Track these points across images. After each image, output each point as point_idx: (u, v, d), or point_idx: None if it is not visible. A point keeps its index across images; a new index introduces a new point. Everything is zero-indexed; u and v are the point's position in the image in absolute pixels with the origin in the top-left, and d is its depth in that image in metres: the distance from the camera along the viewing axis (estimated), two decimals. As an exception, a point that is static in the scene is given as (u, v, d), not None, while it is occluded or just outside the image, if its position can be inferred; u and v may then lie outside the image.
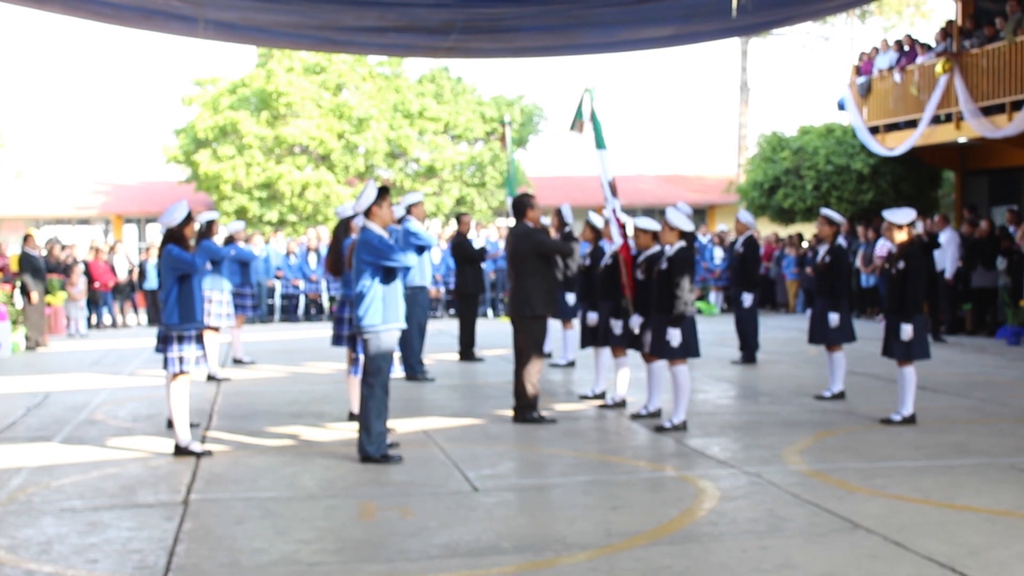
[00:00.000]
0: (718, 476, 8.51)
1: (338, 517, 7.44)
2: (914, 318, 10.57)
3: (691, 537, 6.80)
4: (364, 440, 9.17)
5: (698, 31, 16.59)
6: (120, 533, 7.06)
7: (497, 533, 6.93)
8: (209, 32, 14.12)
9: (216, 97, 33.77)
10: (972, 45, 22.01)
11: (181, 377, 9.62)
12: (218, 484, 8.52)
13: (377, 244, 9.04)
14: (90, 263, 25.15)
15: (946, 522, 7.03)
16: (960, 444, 9.78)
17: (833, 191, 26.88)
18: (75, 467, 9.19)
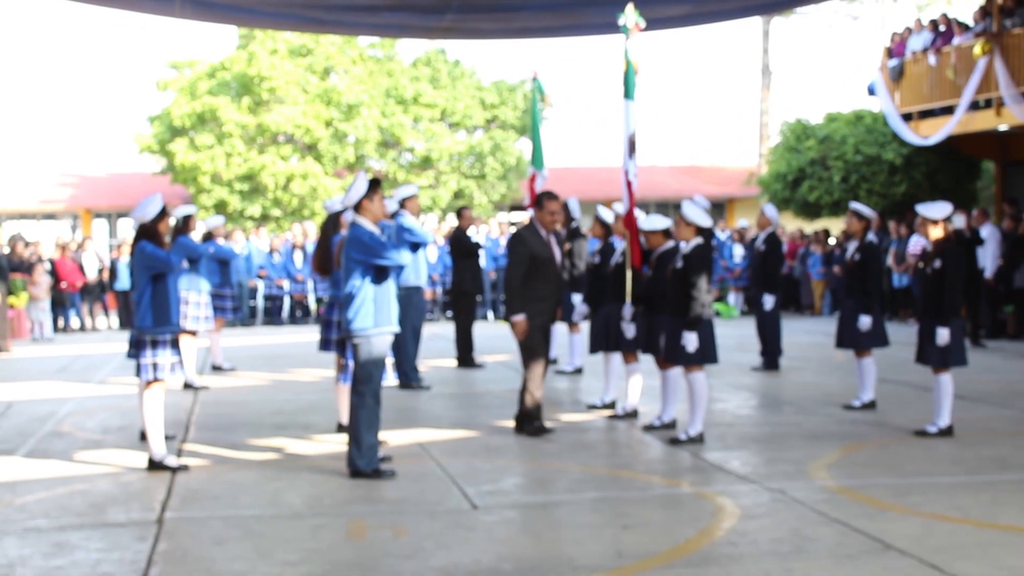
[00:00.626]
0: (738, 493, 8.50)
1: (326, 537, 7.43)
2: (951, 322, 10.56)
3: (709, 559, 6.79)
4: (354, 453, 9.16)
5: (715, 10, 16.63)
6: (89, 555, 7.05)
7: (498, 555, 6.93)
8: (186, 11, 14.15)
9: (193, 81, 33.78)
10: (1014, 24, 22.00)
11: (155, 385, 9.62)
12: (195, 501, 8.51)
13: (368, 241, 9.04)
14: (56, 261, 25.14)
15: (986, 543, 7.02)
16: (1001, 458, 9.77)
17: (863, 183, 26.89)
18: (40, 483, 9.18)
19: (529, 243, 10.83)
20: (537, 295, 10.82)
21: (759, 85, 42.95)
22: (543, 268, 10.86)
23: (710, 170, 44.93)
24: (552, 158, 44.51)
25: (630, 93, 12.06)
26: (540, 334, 10.94)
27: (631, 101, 12.06)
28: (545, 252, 10.89)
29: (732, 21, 32.24)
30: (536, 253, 10.80)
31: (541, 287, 10.85)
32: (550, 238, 11.02)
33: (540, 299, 10.85)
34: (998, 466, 9.46)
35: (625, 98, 12.07)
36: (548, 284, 10.93)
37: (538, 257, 10.81)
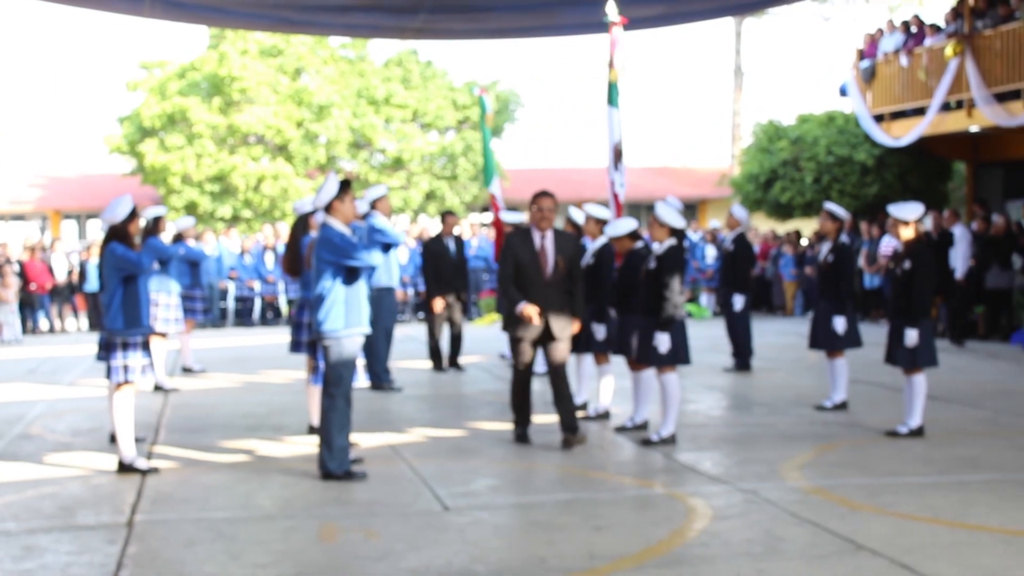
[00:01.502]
0: (710, 493, 8.52)
1: (297, 539, 7.42)
2: (920, 323, 10.61)
3: (681, 560, 6.81)
4: (325, 455, 9.15)
5: (688, 11, 16.67)
6: (58, 558, 7.03)
7: (470, 556, 6.93)
8: (156, 11, 14.11)
9: (164, 82, 33.66)
10: (985, 26, 22.11)
11: (125, 387, 9.58)
12: (166, 504, 8.49)
13: (338, 242, 9.03)
14: (25, 263, 25.00)
15: (957, 543, 7.06)
16: (972, 458, 9.82)
17: (835, 184, 26.97)
18: (8, 486, 9.14)
19: (514, 246, 10.30)
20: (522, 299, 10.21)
21: (731, 86, 43.09)
22: (527, 273, 10.21)
23: (682, 171, 45.04)
24: (526, 160, 44.63)
25: (614, 100, 11.99)
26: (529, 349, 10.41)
27: (615, 109, 11.99)
28: (529, 256, 10.25)
29: (704, 22, 32.36)
30: (520, 257, 10.25)
31: (524, 292, 10.20)
32: (544, 241, 10.31)
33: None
34: (969, 466, 9.50)
35: (609, 105, 12.00)
36: (532, 290, 10.19)
37: (521, 261, 10.24)
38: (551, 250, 10.27)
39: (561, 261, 10.26)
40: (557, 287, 10.26)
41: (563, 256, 10.29)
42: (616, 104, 11.98)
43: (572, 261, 10.41)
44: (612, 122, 11.92)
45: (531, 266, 10.20)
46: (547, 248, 10.27)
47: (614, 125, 11.92)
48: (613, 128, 11.91)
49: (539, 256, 10.25)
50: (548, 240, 10.30)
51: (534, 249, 10.26)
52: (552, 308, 10.23)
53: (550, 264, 10.24)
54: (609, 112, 11.96)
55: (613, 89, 11.96)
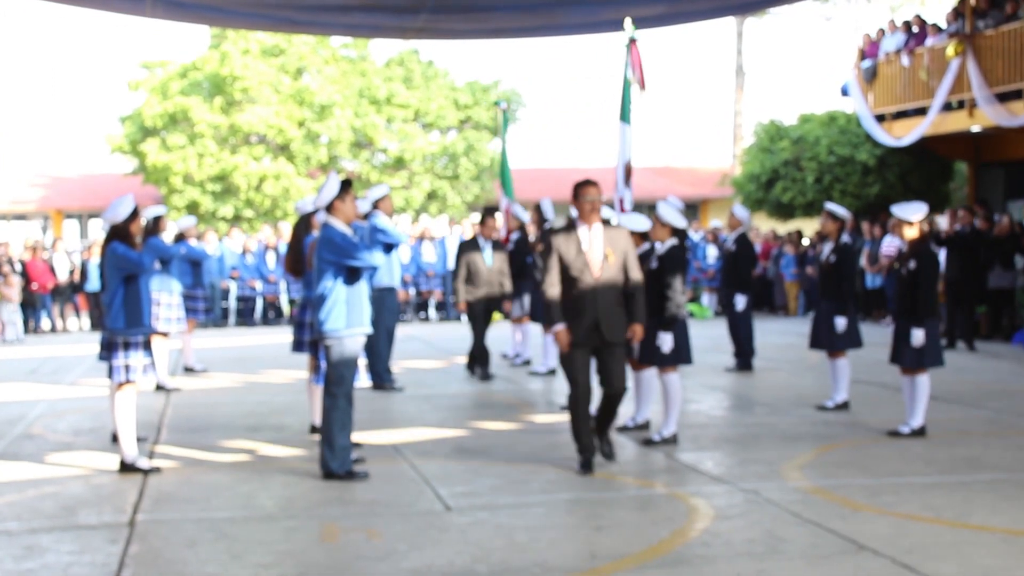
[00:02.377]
0: (712, 493, 8.52)
1: (298, 539, 7.42)
2: (926, 322, 10.60)
3: (683, 560, 6.81)
4: (327, 455, 9.15)
5: (689, 10, 16.65)
6: (60, 558, 7.03)
7: (472, 556, 6.93)
8: (157, 11, 14.10)
9: (165, 81, 33.67)
10: (987, 26, 22.10)
11: (127, 387, 9.58)
12: (167, 504, 8.49)
13: (340, 242, 9.03)
14: (27, 262, 25.02)
15: (959, 543, 7.06)
16: (974, 458, 9.82)
17: (836, 184, 26.97)
18: (10, 485, 9.14)
19: (557, 245, 9.24)
20: (568, 306, 9.18)
21: (733, 86, 43.05)
22: (574, 273, 9.14)
23: (684, 171, 45.01)
24: (526, 160, 44.62)
25: (626, 116, 11.89)
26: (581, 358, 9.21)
27: (627, 125, 11.88)
28: (575, 254, 9.19)
29: (706, 22, 32.35)
30: (565, 256, 9.21)
31: (572, 296, 9.17)
32: (592, 235, 9.23)
33: (573, 312, 9.17)
34: (970, 466, 9.50)
35: (621, 121, 11.89)
36: (580, 292, 9.16)
37: (567, 260, 9.19)
38: (599, 245, 9.21)
39: (611, 256, 9.16)
40: (609, 286, 9.19)
41: (614, 251, 9.19)
42: (628, 120, 11.86)
43: (625, 256, 9.29)
44: (624, 138, 11.81)
45: (578, 265, 9.15)
46: (595, 243, 9.21)
47: (626, 141, 11.81)
48: (625, 144, 11.80)
49: (587, 253, 9.16)
50: (596, 234, 9.24)
51: (581, 246, 9.19)
52: (604, 310, 9.14)
53: (599, 261, 9.18)
54: (621, 128, 11.84)
55: (626, 105, 11.85)
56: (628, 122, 11.83)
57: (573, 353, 9.17)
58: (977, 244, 19.51)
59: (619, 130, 11.83)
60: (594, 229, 9.24)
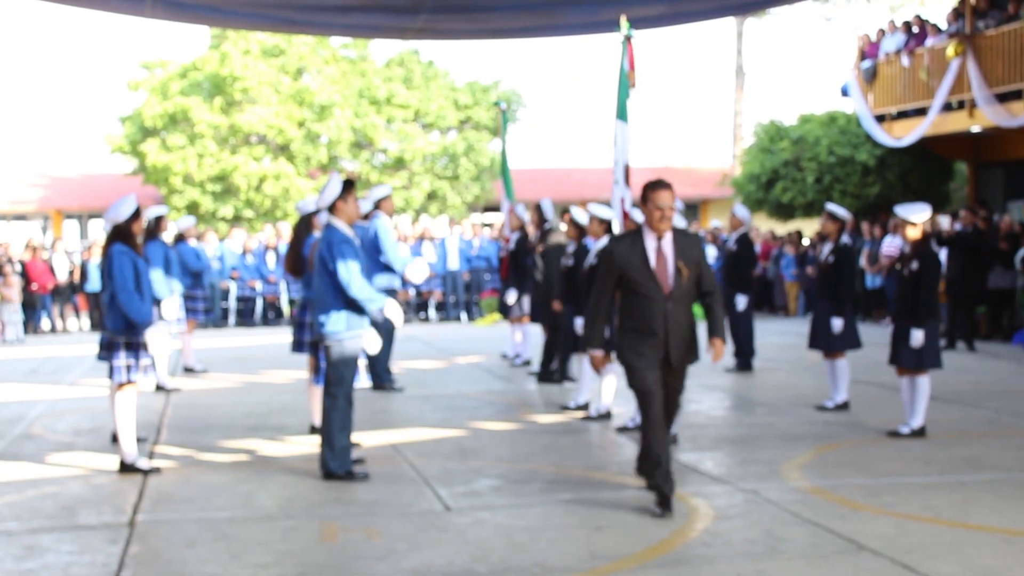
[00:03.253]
0: (711, 494, 8.53)
1: (298, 539, 7.43)
2: (926, 324, 10.60)
3: (683, 560, 6.82)
4: (327, 455, 9.15)
5: (689, 11, 16.64)
6: (60, 558, 7.03)
7: (471, 556, 6.94)
8: (157, 11, 14.10)
9: (165, 82, 33.65)
10: (987, 26, 22.12)
11: (127, 387, 9.59)
12: (167, 504, 8.49)
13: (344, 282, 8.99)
14: (27, 263, 25.02)
15: (958, 543, 7.06)
16: (973, 458, 9.82)
17: (836, 184, 26.98)
18: (10, 486, 9.15)
19: (619, 255, 8.07)
20: (632, 324, 8.11)
21: (733, 86, 43.07)
22: (639, 288, 8.00)
23: (684, 171, 44.96)
24: (527, 160, 44.64)
25: (623, 114, 11.85)
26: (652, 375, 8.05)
27: (625, 123, 11.84)
28: (641, 266, 8.01)
29: (706, 22, 32.33)
30: (628, 268, 8.03)
31: (637, 314, 8.07)
32: (662, 245, 8.04)
33: (637, 331, 8.09)
34: (970, 466, 9.51)
35: (618, 119, 11.85)
36: (647, 309, 8.01)
37: (630, 274, 8.01)
38: (671, 257, 8.03)
39: (684, 268, 8.02)
40: (680, 303, 8.05)
41: (687, 262, 8.04)
42: (626, 119, 11.82)
43: (699, 268, 8.16)
44: (621, 137, 11.77)
45: (644, 278, 7.97)
46: (666, 255, 8.03)
47: (623, 140, 11.77)
48: (622, 144, 11.76)
49: (656, 266, 7.99)
50: (667, 244, 8.05)
51: (648, 258, 8.00)
52: (674, 332, 8.03)
53: (671, 274, 8.02)
54: (618, 127, 11.81)
55: (623, 104, 11.81)
56: (626, 121, 11.79)
57: (644, 371, 8.03)
58: (978, 244, 19.51)
59: (616, 129, 11.80)
60: (665, 239, 8.02)
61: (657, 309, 7.98)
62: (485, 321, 25.75)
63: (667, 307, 7.98)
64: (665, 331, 7.99)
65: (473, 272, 27.01)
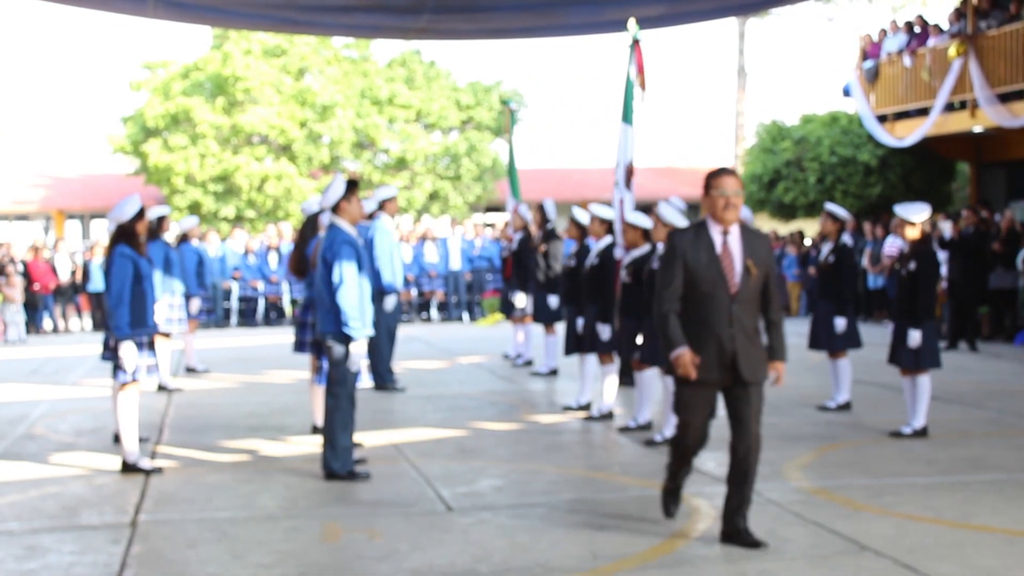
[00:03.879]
0: (713, 494, 8.52)
1: (300, 539, 7.43)
2: (924, 324, 10.60)
3: (684, 560, 6.81)
4: (329, 455, 9.15)
5: (691, 10, 16.65)
6: (62, 558, 7.03)
7: (473, 556, 6.93)
8: (159, 11, 14.12)
9: (167, 82, 33.66)
10: (989, 26, 22.12)
11: (130, 387, 9.58)
12: (169, 504, 8.49)
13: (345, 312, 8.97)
14: (29, 263, 25.04)
15: (960, 543, 7.06)
16: (975, 459, 9.82)
17: (838, 184, 26.98)
18: (12, 486, 9.14)
19: (682, 250, 7.18)
20: (693, 333, 7.12)
21: (735, 86, 43.02)
22: (704, 287, 7.09)
23: (686, 171, 44.95)
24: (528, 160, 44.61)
25: (628, 117, 11.83)
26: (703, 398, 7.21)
27: (629, 126, 11.82)
28: (707, 262, 7.12)
29: (708, 22, 32.33)
30: (692, 265, 7.13)
31: (697, 315, 7.13)
32: (728, 240, 7.17)
33: (698, 339, 7.10)
34: (971, 466, 9.50)
35: (623, 122, 11.85)
36: (712, 311, 7.08)
37: (695, 270, 7.11)
38: (738, 253, 7.15)
39: (753, 267, 7.12)
40: (748, 306, 7.14)
41: (755, 261, 7.14)
42: (631, 121, 11.81)
43: (767, 272, 7.23)
44: (626, 140, 11.75)
45: (710, 276, 7.09)
46: (733, 250, 7.15)
47: (628, 143, 11.75)
48: (626, 146, 11.74)
49: (722, 261, 7.12)
50: (734, 238, 7.19)
51: (714, 251, 7.14)
52: (741, 338, 7.09)
53: (738, 271, 7.12)
54: (623, 129, 11.80)
55: (629, 106, 11.80)
56: (630, 123, 11.79)
57: (695, 389, 7.14)
58: (980, 245, 19.50)
59: (621, 131, 11.80)
60: (731, 232, 7.17)
61: (721, 310, 7.05)
62: (487, 321, 25.76)
63: (733, 309, 7.06)
64: (731, 338, 7.04)
65: (475, 272, 27.02)
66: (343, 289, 8.94)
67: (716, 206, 7.19)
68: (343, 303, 8.94)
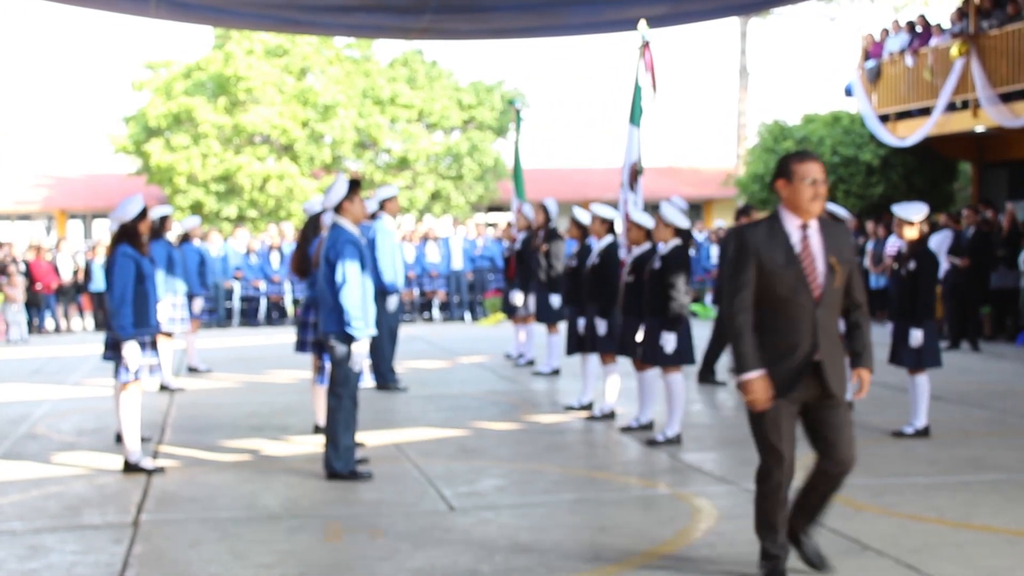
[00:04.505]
0: (715, 494, 8.52)
1: (302, 539, 7.43)
2: (924, 323, 10.59)
3: (686, 560, 6.81)
4: (331, 455, 9.15)
5: (692, 10, 16.64)
6: (64, 557, 7.03)
7: (475, 556, 6.93)
8: (161, 11, 14.12)
9: (169, 82, 33.68)
10: (991, 26, 22.10)
11: (132, 386, 9.59)
12: (171, 503, 8.49)
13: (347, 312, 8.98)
14: (31, 263, 25.04)
15: (962, 543, 7.05)
16: (977, 459, 9.81)
17: (840, 184, 26.95)
18: (14, 485, 9.15)
19: (755, 246, 6.13)
20: (771, 344, 6.17)
21: (737, 86, 43.04)
22: (781, 290, 6.09)
23: (688, 171, 45.00)
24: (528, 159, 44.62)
25: (636, 119, 11.82)
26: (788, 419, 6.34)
27: (636, 128, 11.82)
28: (785, 261, 6.10)
29: (709, 22, 32.33)
30: (767, 264, 6.09)
31: (774, 325, 6.16)
32: (808, 234, 6.16)
33: (776, 351, 6.16)
34: (973, 467, 9.49)
35: (630, 123, 11.84)
36: (794, 317, 6.11)
37: (771, 271, 6.09)
38: (820, 250, 6.16)
39: (837, 266, 6.15)
40: (832, 310, 6.20)
41: (839, 258, 6.18)
42: (638, 123, 11.80)
43: (850, 269, 6.27)
44: (632, 141, 11.75)
45: (789, 279, 6.10)
46: (813, 248, 6.16)
47: (633, 144, 11.75)
48: (632, 147, 11.74)
49: (802, 261, 6.11)
50: (814, 233, 6.19)
51: (792, 250, 6.13)
52: (826, 348, 6.16)
53: (821, 272, 6.14)
54: (630, 131, 11.79)
55: (637, 108, 11.79)
56: (638, 125, 11.79)
57: (777, 411, 6.25)
58: (982, 245, 19.49)
59: (628, 132, 11.80)
60: (810, 226, 6.19)
61: (804, 317, 6.09)
62: (489, 321, 25.75)
63: (816, 316, 6.10)
64: (814, 348, 6.11)
65: (477, 272, 27.02)
66: (346, 289, 8.94)
67: (801, 196, 6.13)
68: (346, 303, 8.94)
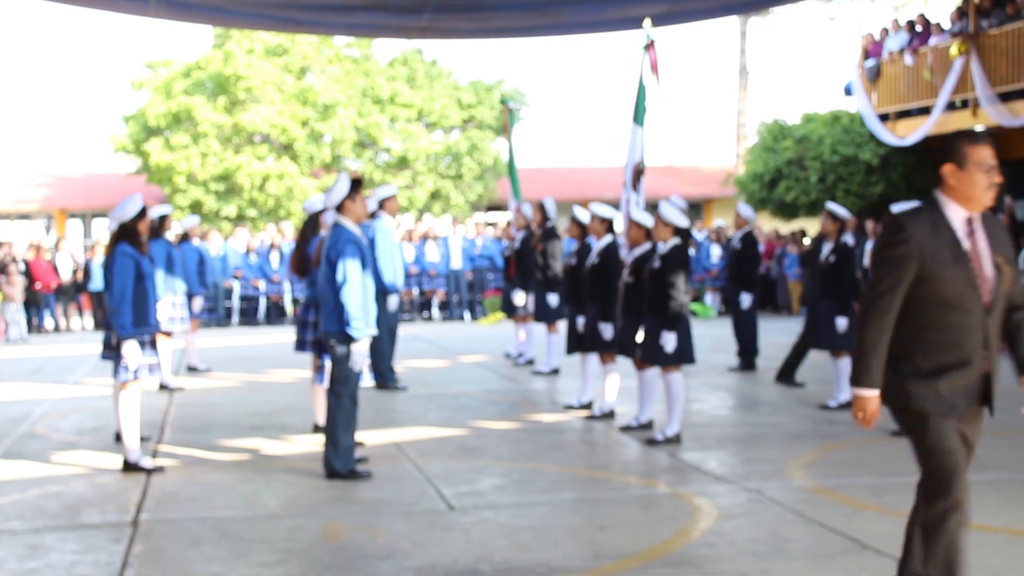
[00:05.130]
0: (715, 493, 8.52)
1: (302, 538, 7.42)
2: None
3: (686, 559, 6.80)
4: (330, 454, 9.15)
5: (692, 9, 16.65)
6: (64, 557, 7.03)
7: (475, 556, 6.93)
8: (161, 11, 14.12)
9: (169, 81, 33.67)
10: (990, 25, 22.11)
11: (131, 386, 9.58)
12: (171, 503, 8.49)
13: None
14: (30, 262, 25.04)
15: (962, 542, 7.05)
16: (977, 458, 9.76)
17: (839, 183, 26.96)
18: (14, 485, 9.14)
19: (917, 243, 5.15)
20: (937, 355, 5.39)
21: (736, 85, 43.06)
22: (948, 294, 5.20)
23: (687, 170, 44.97)
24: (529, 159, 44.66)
25: (640, 118, 11.83)
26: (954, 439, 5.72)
27: (640, 127, 11.83)
28: (952, 261, 5.16)
29: (709, 21, 32.34)
30: (931, 263, 5.15)
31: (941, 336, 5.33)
32: (974, 229, 5.29)
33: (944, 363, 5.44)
34: (973, 466, 9.42)
35: (634, 123, 11.85)
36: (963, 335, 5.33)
37: (934, 272, 5.16)
38: (986, 248, 5.28)
39: (1005, 266, 5.28)
40: (998, 318, 5.46)
41: (1006, 257, 5.32)
42: (642, 123, 11.81)
43: (1013, 267, 5.36)
44: (635, 140, 11.75)
45: (957, 281, 5.20)
46: (980, 245, 5.27)
47: (637, 143, 11.75)
48: (635, 146, 11.74)
49: (971, 261, 5.21)
50: (978, 228, 5.32)
51: (960, 247, 5.21)
52: (995, 360, 5.64)
53: (990, 275, 5.27)
54: (633, 130, 11.80)
55: (640, 107, 11.79)
56: (641, 124, 11.79)
57: (944, 421, 5.61)
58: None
59: (631, 132, 11.80)
60: (975, 221, 5.32)
61: (974, 327, 5.31)
62: (488, 320, 25.76)
63: (987, 324, 5.35)
64: (987, 358, 5.51)
65: (476, 271, 27.02)
66: (347, 288, 8.94)
67: (976, 184, 5.33)
68: (347, 302, 8.94)
